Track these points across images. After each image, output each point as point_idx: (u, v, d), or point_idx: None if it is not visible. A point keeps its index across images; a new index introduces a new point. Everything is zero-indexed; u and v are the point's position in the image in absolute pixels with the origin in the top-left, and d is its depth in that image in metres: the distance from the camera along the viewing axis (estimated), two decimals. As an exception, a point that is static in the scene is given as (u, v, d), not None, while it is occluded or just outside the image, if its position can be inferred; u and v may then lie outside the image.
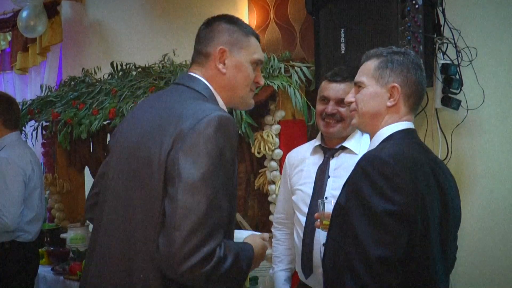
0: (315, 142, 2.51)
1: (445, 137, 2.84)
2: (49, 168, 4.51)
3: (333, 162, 2.39)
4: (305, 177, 2.45)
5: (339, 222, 1.61)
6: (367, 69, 1.74)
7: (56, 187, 4.40)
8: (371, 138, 1.75)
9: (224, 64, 1.76)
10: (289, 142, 2.98)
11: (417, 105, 1.76)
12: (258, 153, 3.04)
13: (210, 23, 1.82)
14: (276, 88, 2.95)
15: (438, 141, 2.84)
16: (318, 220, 2.08)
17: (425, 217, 1.54)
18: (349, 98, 1.78)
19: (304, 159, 2.50)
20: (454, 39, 2.68)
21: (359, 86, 1.75)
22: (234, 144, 1.60)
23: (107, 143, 1.75)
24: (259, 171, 3.15)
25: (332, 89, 2.38)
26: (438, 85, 2.71)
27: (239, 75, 1.78)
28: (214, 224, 1.50)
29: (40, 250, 3.75)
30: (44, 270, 3.73)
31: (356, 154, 2.32)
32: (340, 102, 2.32)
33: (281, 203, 2.62)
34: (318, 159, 2.45)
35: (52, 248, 3.97)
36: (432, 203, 1.58)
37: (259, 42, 1.87)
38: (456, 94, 2.71)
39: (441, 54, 2.70)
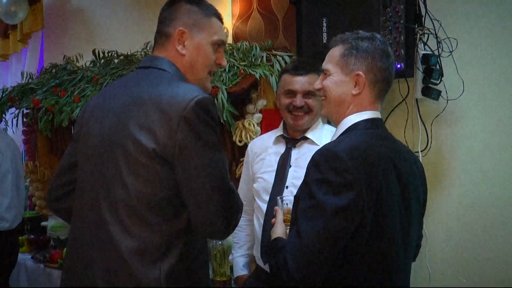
0: (277, 132, 2.56)
1: (425, 127, 2.87)
2: (30, 155, 4.48)
3: (294, 152, 2.46)
4: (267, 165, 2.51)
5: (294, 212, 1.63)
6: (333, 56, 1.74)
7: (37, 175, 4.37)
8: (336, 126, 1.75)
9: (184, 45, 1.75)
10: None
11: (384, 92, 1.74)
12: (240, 141, 3.04)
13: (173, 3, 1.80)
14: (258, 77, 2.96)
15: (418, 131, 2.87)
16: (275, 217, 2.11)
17: (380, 210, 1.56)
18: (317, 85, 1.78)
19: (266, 148, 2.56)
20: (435, 29, 2.70)
21: (325, 73, 1.75)
22: (217, 120, 1.63)
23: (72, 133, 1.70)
24: (240, 159, 3.15)
25: (298, 82, 2.42)
26: (419, 75, 2.73)
27: (199, 57, 1.77)
28: (229, 189, 1.61)
29: (20, 238, 3.73)
30: (24, 258, 3.72)
31: (317, 145, 2.38)
32: (307, 94, 2.40)
33: (243, 190, 2.66)
34: (280, 149, 2.51)
35: (32, 236, 3.95)
36: (390, 195, 1.59)
37: (222, 22, 1.85)
38: (436, 84, 2.73)
39: (422, 44, 2.72)
